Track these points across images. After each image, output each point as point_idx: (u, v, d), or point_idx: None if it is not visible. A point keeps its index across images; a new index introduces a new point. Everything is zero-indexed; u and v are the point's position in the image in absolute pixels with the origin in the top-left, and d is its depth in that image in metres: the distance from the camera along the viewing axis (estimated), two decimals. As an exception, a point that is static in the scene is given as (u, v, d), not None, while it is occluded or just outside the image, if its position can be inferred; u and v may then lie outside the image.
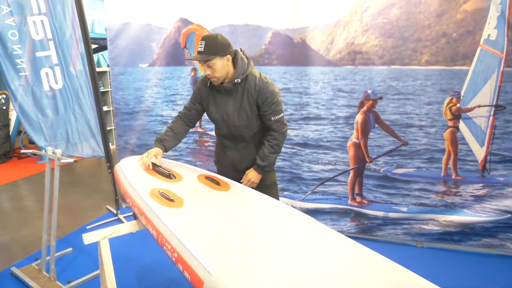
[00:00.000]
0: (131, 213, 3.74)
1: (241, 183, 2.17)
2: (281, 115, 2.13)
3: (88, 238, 1.80)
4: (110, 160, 3.46)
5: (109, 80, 6.47)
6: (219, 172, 2.30)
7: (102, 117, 3.34)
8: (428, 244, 3.07)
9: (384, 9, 2.83)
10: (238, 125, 2.12)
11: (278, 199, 2.18)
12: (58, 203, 2.67)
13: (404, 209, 3.04)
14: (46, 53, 3.21)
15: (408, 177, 3.01)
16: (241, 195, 1.94)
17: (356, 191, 3.15)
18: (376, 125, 3.00)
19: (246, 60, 2.07)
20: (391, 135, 2.98)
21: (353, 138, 3.08)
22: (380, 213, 3.10)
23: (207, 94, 2.18)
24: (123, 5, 3.46)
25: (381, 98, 2.95)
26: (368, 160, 3.07)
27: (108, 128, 3.98)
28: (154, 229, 1.63)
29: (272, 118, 2.10)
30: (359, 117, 3.02)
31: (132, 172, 2.07)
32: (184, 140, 3.57)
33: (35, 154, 4.13)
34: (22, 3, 3.09)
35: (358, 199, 3.16)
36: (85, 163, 5.68)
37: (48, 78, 3.23)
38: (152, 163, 2.20)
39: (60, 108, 3.31)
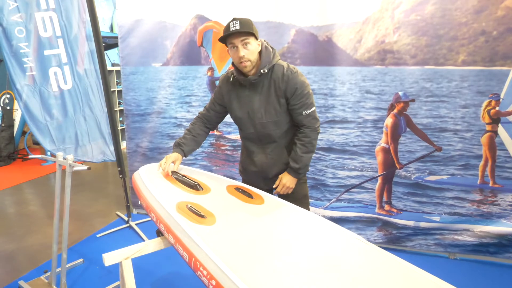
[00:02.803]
0: (144, 220, 3.57)
1: (274, 189, 1.98)
2: (313, 108, 1.93)
3: (109, 259, 1.62)
4: (121, 165, 3.28)
5: (115, 80, 6.30)
6: (246, 183, 2.11)
7: (113, 119, 3.16)
8: (462, 255, 2.89)
9: (418, 5, 2.64)
10: (266, 122, 1.93)
11: None
12: (61, 207, 2.48)
13: (437, 218, 2.86)
14: (55, 51, 3.03)
15: (441, 184, 2.82)
16: (278, 209, 1.76)
17: (385, 199, 2.97)
18: (408, 129, 2.81)
19: (271, 49, 1.90)
20: (423, 140, 2.79)
21: (382, 143, 2.89)
22: (410, 223, 2.92)
23: (229, 91, 2.00)
24: (135, 1, 3.27)
25: (413, 100, 2.76)
26: (398, 166, 2.88)
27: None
28: (186, 251, 1.44)
29: (304, 112, 1.90)
30: (389, 121, 2.84)
31: (154, 182, 1.89)
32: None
33: (46, 160, 3.95)
34: (29, -2, 2.92)
35: (386, 207, 2.97)
36: (89, 165, 5.49)
37: (56, 78, 3.05)
38: (175, 172, 2.02)
39: (69, 109, 3.13)
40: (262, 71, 1.86)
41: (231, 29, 1.78)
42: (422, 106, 2.76)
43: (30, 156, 2.75)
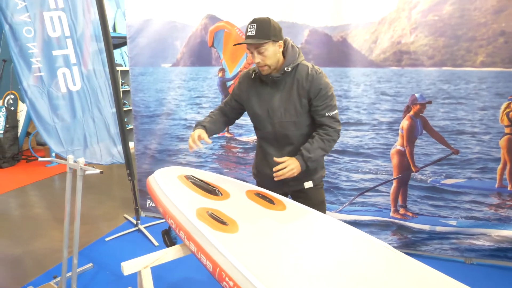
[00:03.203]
0: (153, 223, 3.51)
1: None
2: (336, 111, 1.89)
3: (128, 267, 1.55)
4: (130, 167, 3.22)
5: (119, 80, 6.23)
6: (260, 186, 2.04)
7: (122, 121, 3.10)
8: (478, 260, 2.83)
9: (435, 5, 2.59)
10: (285, 121, 1.88)
11: None
12: (71, 211, 2.42)
13: (453, 222, 2.80)
14: (64, 51, 2.97)
15: (458, 188, 2.77)
16: (301, 216, 1.70)
17: (400, 202, 2.91)
18: (424, 132, 2.76)
19: (296, 49, 1.87)
20: (440, 143, 2.74)
21: (398, 146, 2.84)
22: (426, 227, 2.86)
23: (249, 87, 1.95)
24: (145, 0, 3.22)
25: (430, 102, 2.71)
26: (414, 170, 2.83)
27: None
28: (210, 260, 1.38)
29: (326, 114, 1.86)
30: (404, 123, 2.78)
31: (170, 187, 1.83)
32: (209, 145, 3.37)
33: (51, 161, 3.89)
34: (38, -3, 2.86)
35: (401, 211, 2.92)
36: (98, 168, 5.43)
37: (65, 78, 3.00)
38: (192, 176, 1.96)
39: (78, 111, 3.08)
40: (285, 69, 1.82)
41: (247, 34, 1.77)
42: (439, 108, 2.70)
43: (39, 159, 2.68)
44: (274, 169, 1.86)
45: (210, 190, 1.84)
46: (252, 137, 3.22)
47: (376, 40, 2.76)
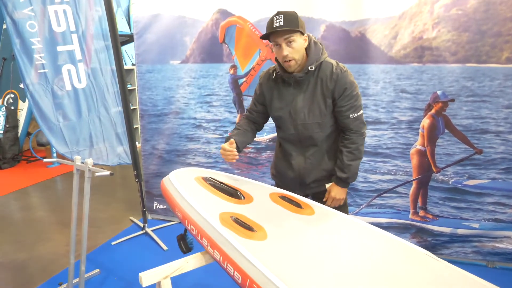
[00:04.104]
0: (161, 226, 3.39)
1: (323, 203, 1.82)
2: (361, 112, 1.80)
3: (147, 278, 1.43)
4: (138, 168, 3.10)
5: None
6: (280, 188, 1.94)
7: (130, 120, 2.97)
8: (501, 264, 2.73)
9: (460, -1, 2.48)
10: (309, 123, 1.79)
11: None
12: (78, 215, 2.31)
13: (476, 225, 2.69)
14: (69, 47, 2.85)
15: (481, 189, 2.66)
16: (331, 220, 1.59)
17: (419, 204, 2.80)
18: (446, 131, 2.65)
19: (320, 46, 1.76)
20: (463, 142, 2.63)
21: (418, 145, 2.73)
22: (447, 229, 2.76)
23: (270, 88, 1.86)
24: (152, -6, 3.10)
25: (452, 100, 2.60)
26: (434, 170, 2.72)
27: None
28: (238, 271, 1.27)
29: (351, 116, 1.77)
30: (425, 122, 2.67)
31: (189, 190, 1.72)
32: (220, 145, 3.24)
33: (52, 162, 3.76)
34: (42, -9, 2.73)
35: (421, 213, 2.81)
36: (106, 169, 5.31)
37: (70, 76, 2.87)
38: (210, 178, 1.85)
39: (84, 110, 2.95)
40: (309, 68, 1.71)
41: (274, 25, 1.64)
42: (462, 106, 2.59)
43: (44, 160, 2.55)
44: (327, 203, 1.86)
45: (232, 193, 1.72)
46: (265, 137, 3.10)
47: (396, 36, 2.65)
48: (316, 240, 1.43)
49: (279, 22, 1.62)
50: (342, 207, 1.97)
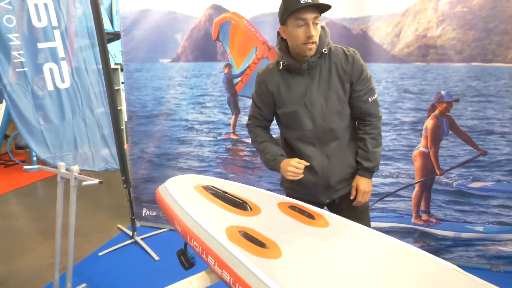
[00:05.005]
0: (150, 234, 3.21)
1: (351, 200, 1.72)
2: (376, 95, 1.71)
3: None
4: (126, 174, 2.91)
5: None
6: (299, 198, 1.73)
7: (117, 122, 2.78)
8: (506, 267, 2.67)
9: (465, -4, 2.39)
10: (328, 112, 1.63)
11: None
12: (63, 226, 2.12)
13: (480, 228, 2.62)
14: (51, 44, 2.64)
15: (486, 191, 2.59)
16: (348, 233, 1.46)
17: (422, 207, 2.72)
18: (450, 132, 2.57)
19: (327, 30, 1.64)
20: (467, 144, 2.55)
21: (421, 147, 2.64)
22: (450, 233, 2.68)
23: (276, 83, 1.67)
24: (141, -11, 2.91)
25: (457, 100, 2.52)
26: (438, 173, 2.63)
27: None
28: (254, 295, 1.12)
29: (369, 99, 1.67)
30: (429, 123, 2.58)
31: (189, 201, 1.56)
32: (214, 149, 3.10)
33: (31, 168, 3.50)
34: (20, -18, 2.51)
35: (424, 217, 2.72)
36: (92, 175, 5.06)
37: (52, 75, 2.66)
38: (212, 187, 1.69)
39: (67, 111, 2.75)
40: (323, 51, 1.57)
41: (302, 1, 1.47)
42: (467, 106, 2.52)
43: (24, 167, 2.34)
44: (354, 204, 1.74)
45: (237, 203, 1.57)
46: (261, 139, 2.95)
47: (399, 33, 2.55)
48: (335, 257, 1.30)
49: None
50: (364, 213, 1.84)
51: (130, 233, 3.17)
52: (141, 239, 3.12)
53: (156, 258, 2.86)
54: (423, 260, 1.32)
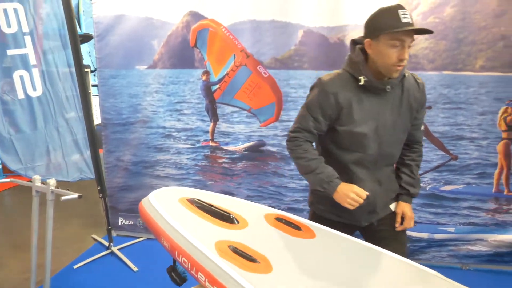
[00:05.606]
0: (127, 244, 3.13)
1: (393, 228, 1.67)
2: None
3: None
4: (102, 183, 2.83)
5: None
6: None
7: (92, 130, 2.70)
8: (476, 266, 2.80)
9: (437, 7, 2.50)
10: (394, 139, 1.58)
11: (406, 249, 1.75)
12: (39, 242, 2.04)
13: (452, 229, 2.75)
14: (21, 51, 2.52)
15: (456, 194, 2.71)
16: (335, 244, 1.49)
17: (398, 211, 2.80)
18: (424, 138, 2.66)
19: None
20: (439, 149, 2.66)
21: (396, 152, 2.72)
22: (424, 235, 2.78)
23: (348, 99, 1.50)
24: (115, -7, 2.85)
25: (429, 107, 2.62)
26: (413, 177, 2.73)
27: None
28: (248, 313, 1.13)
29: (421, 128, 1.69)
30: (404, 129, 2.67)
31: (176, 216, 1.54)
32: (192, 156, 3.07)
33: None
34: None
35: (400, 220, 2.81)
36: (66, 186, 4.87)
37: (23, 83, 2.54)
38: (197, 200, 1.68)
39: (39, 120, 2.64)
40: (405, 75, 1.54)
41: (402, 21, 1.36)
42: (439, 113, 2.63)
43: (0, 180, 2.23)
44: (397, 229, 1.67)
45: (224, 216, 1.57)
46: (240, 146, 2.96)
47: (374, 42, 2.62)
48: (324, 269, 1.32)
49: (407, 18, 1.36)
50: (404, 231, 1.74)
51: (106, 243, 3.08)
52: (118, 249, 3.04)
53: (135, 268, 2.80)
54: (408, 268, 1.37)
